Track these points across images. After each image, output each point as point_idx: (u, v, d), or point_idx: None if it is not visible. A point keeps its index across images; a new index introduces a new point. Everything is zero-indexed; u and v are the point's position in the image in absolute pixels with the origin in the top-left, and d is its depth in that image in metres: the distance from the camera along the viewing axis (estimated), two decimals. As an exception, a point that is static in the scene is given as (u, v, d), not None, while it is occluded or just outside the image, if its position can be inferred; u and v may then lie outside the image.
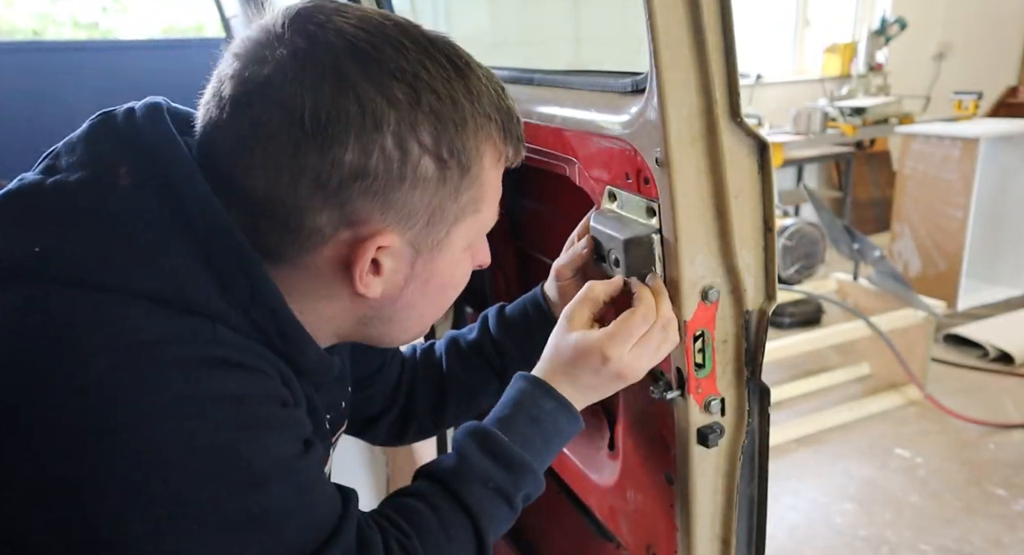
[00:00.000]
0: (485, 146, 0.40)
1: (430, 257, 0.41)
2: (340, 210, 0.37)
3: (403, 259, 0.41)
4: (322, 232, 0.38)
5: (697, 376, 0.46)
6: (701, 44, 0.40)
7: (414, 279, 0.42)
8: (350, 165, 0.36)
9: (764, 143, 0.42)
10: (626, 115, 0.46)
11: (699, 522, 0.49)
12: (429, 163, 0.38)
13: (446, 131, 0.38)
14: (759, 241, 0.44)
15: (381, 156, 0.36)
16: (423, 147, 0.37)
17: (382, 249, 0.39)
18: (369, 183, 0.37)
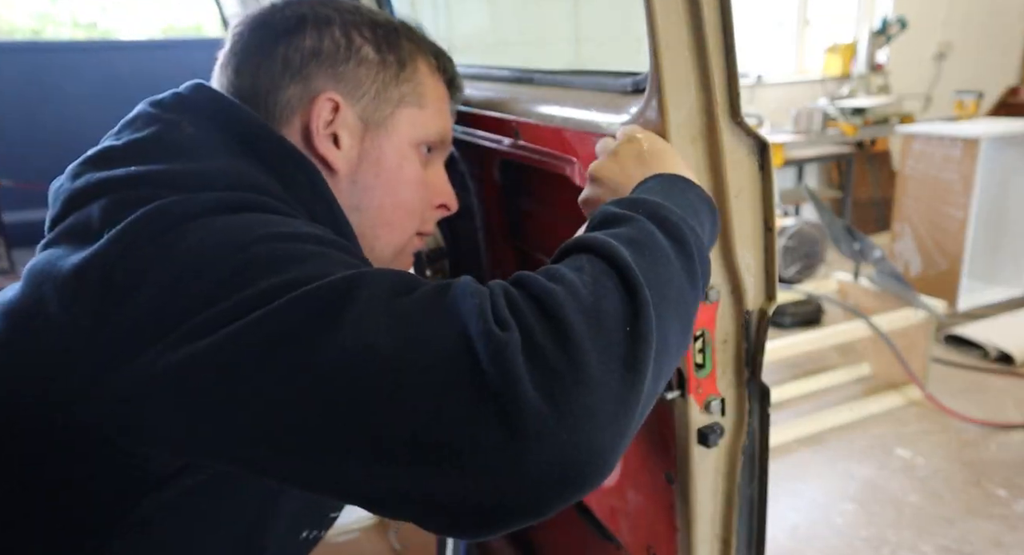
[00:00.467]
0: (418, 56, 0.52)
1: (377, 134, 0.50)
2: (303, 83, 0.48)
3: (355, 134, 0.49)
4: (290, 104, 0.48)
5: (697, 376, 0.46)
6: (701, 44, 0.40)
7: (366, 157, 0.50)
8: (308, 47, 0.48)
9: (764, 143, 0.42)
10: (626, 115, 0.46)
11: (699, 522, 0.49)
12: (369, 50, 0.50)
13: (381, 31, 0.50)
14: (759, 241, 0.44)
15: (331, 40, 0.49)
16: (364, 38, 0.50)
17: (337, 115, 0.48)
18: (323, 59, 0.48)
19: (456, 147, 0.80)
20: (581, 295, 0.29)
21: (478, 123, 0.68)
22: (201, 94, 0.47)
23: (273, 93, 0.48)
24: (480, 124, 0.68)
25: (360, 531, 1.34)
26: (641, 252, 0.32)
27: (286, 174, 0.44)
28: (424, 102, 0.52)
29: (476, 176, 0.80)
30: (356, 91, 0.49)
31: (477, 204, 0.82)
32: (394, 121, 0.50)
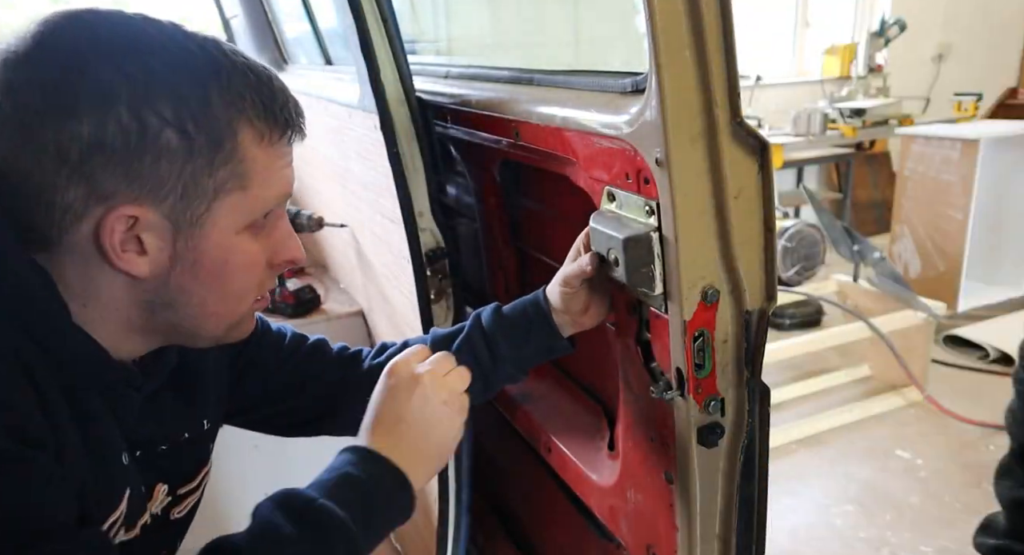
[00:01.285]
0: (240, 124, 0.41)
1: (192, 234, 0.41)
2: (87, 184, 0.38)
3: (164, 236, 0.41)
4: (74, 208, 0.38)
5: (697, 376, 0.46)
6: (701, 44, 0.40)
7: (180, 259, 0.42)
8: (88, 137, 0.37)
9: (764, 143, 0.43)
10: (626, 115, 0.46)
11: (699, 522, 0.49)
12: (172, 135, 0.39)
13: (187, 106, 0.39)
14: (759, 241, 0.44)
15: (118, 128, 0.37)
16: (162, 119, 0.38)
17: (137, 223, 0.39)
18: (109, 155, 0.38)
19: (456, 147, 0.81)
20: None
21: (478, 123, 0.68)
22: None
23: (49, 192, 0.37)
24: (480, 124, 0.68)
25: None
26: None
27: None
28: (249, 181, 0.42)
29: (476, 176, 0.80)
30: (158, 192, 0.39)
31: (477, 204, 0.82)
32: (212, 216, 0.41)
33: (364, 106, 0.78)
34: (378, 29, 0.69)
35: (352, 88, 0.83)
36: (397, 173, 0.74)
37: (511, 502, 1.00)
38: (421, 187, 0.74)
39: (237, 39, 1.66)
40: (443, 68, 0.82)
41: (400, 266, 0.84)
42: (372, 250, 1.01)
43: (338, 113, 0.95)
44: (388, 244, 0.89)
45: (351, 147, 0.90)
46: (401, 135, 0.72)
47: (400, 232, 0.78)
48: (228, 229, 0.42)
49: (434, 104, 0.75)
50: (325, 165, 1.16)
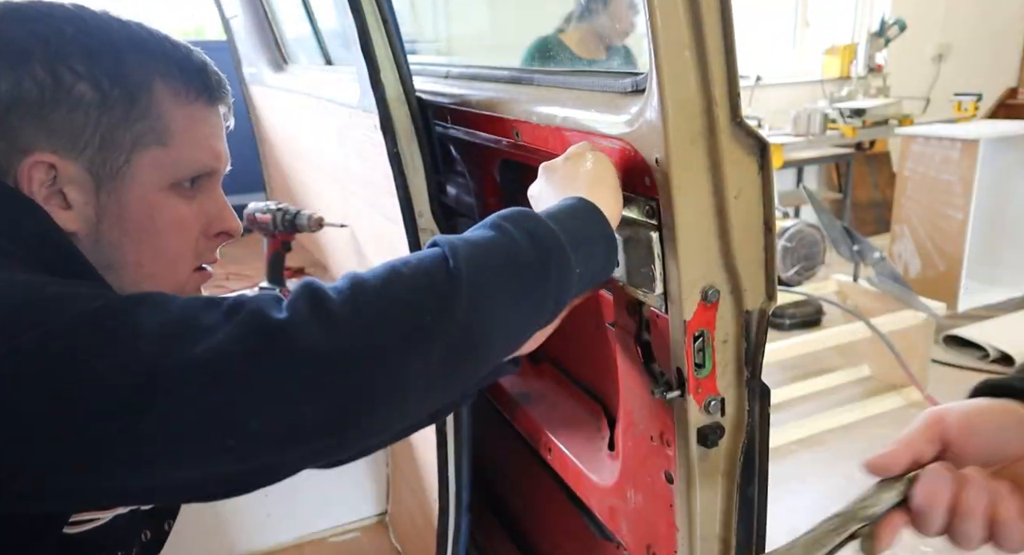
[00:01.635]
0: (154, 80, 0.42)
1: (114, 187, 0.42)
2: (7, 139, 0.39)
3: (87, 189, 0.41)
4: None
5: (697, 376, 0.46)
6: (701, 44, 0.40)
7: (105, 213, 0.42)
8: (4, 93, 0.39)
9: (764, 143, 0.43)
10: (626, 115, 0.46)
11: (699, 522, 0.49)
12: (85, 88, 0.40)
13: (100, 62, 0.41)
14: (759, 241, 0.44)
15: (33, 83, 0.39)
16: (75, 73, 0.40)
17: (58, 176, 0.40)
18: (26, 109, 0.39)
19: (456, 147, 0.80)
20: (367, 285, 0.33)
21: (478, 123, 0.68)
22: None
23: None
24: (480, 124, 0.68)
25: (360, 531, 1.33)
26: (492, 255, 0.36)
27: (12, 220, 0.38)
28: (168, 137, 0.43)
29: (476, 176, 0.80)
30: (75, 142, 0.40)
31: (477, 204, 0.82)
32: (132, 169, 0.42)
33: (364, 106, 0.78)
34: (378, 29, 0.69)
35: (352, 88, 0.83)
36: (397, 173, 0.74)
37: (511, 502, 1.00)
38: (421, 187, 0.74)
39: (237, 39, 1.66)
40: (443, 68, 0.82)
41: (400, 266, 0.83)
42: (372, 250, 1.01)
43: (338, 113, 0.95)
44: (388, 244, 0.88)
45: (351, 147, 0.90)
46: (401, 135, 0.72)
47: (400, 232, 0.78)
48: (151, 185, 0.43)
49: (434, 104, 0.75)
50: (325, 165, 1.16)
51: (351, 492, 1.33)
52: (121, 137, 0.41)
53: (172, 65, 0.43)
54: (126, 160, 0.42)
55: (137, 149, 0.42)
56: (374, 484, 1.35)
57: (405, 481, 1.21)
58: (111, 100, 0.41)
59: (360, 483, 1.34)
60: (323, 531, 1.33)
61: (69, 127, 0.40)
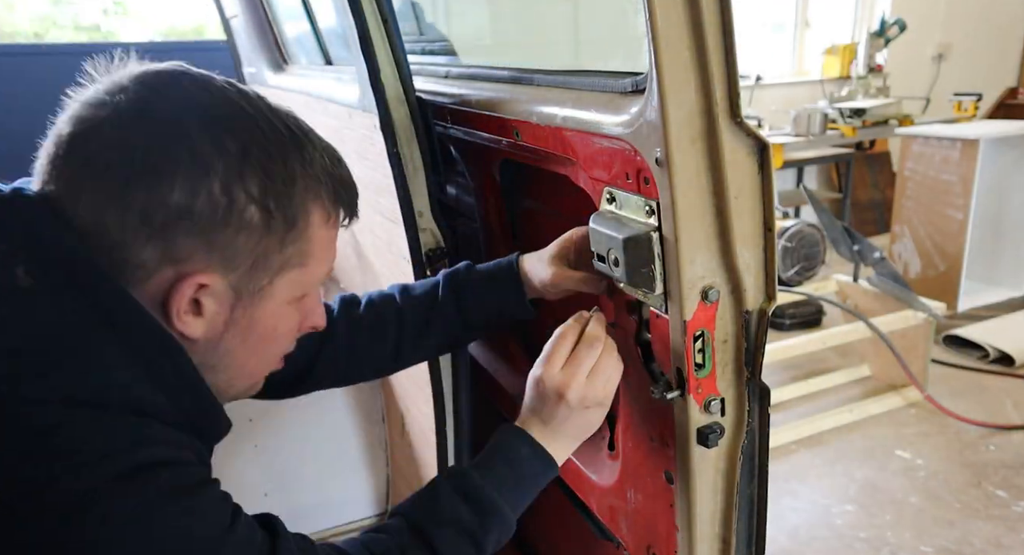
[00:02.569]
0: (313, 205, 0.43)
1: (251, 303, 0.43)
2: (164, 247, 0.39)
3: (224, 302, 0.42)
4: (145, 267, 0.39)
5: (697, 376, 0.46)
6: (701, 44, 0.40)
7: (234, 325, 0.43)
8: (176, 204, 0.38)
9: (764, 143, 0.43)
10: (626, 115, 0.46)
11: (699, 522, 0.49)
12: (255, 212, 0.41)
13: (273, 185, 0.41)
14: (759, 241, 0.44)
15: (208, 199, 0.39)
16: (249, 196, 0.40)
17: (203, 288, 0.40)
18: (193, 223, 0.39)
19: (456, 147, 0.80)
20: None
21: (478, 123, 0.68)
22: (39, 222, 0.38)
23: (122, 249, 0.38)
24: (480, 124, 0.68)
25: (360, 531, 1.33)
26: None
27: (152, 363, 0.39)
28: (308, 259, 0.44)
29: (476, 176, 0.80)
30: (231, 262, 0.40)
31: (477, 204, 0.82)
32: (272, 288, 0.43)
33: (364, 106, 0.78)
34: (378, 29, 0.69)
35: (352, 88, 0.83)
36: (397, 173, 0.74)
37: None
38: (421, 187, 0.74)
39: (237, 39, 1.66)
40: (443, 68, 0.82)
41: (400, 266, 0.84)
42: (372, 250, 1.01)
43: (338, 113, 0.95)
44: (388, 244, 0.88)
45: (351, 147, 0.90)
46: (401, 135, 0.72)
47: (400, 232, 0.78)
48: (282, 301, 0.44)
49: (434, 104, 0.75)
50: (325, 165, 1.16)
51: (351, 492, 1.33)
52: (272, 260, 0.42)
53: (330, 188, 0.44)
54: (269, 281, 0.43)
55: (282, 271, 0.43)
56: (374, 484, 1.35)
57: (405, 481, 1.21)
58: (274, 225, 0.41)
59: (360, 483, 1.34)
60: (323, 531, 1.33)
61: (231, 248, 0.40)
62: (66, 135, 0.39)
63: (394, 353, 0.63)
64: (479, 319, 0.62)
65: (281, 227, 0.42)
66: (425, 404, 0.87)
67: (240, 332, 0.43)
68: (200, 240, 0.39)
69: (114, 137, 0.39)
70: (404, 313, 0.62)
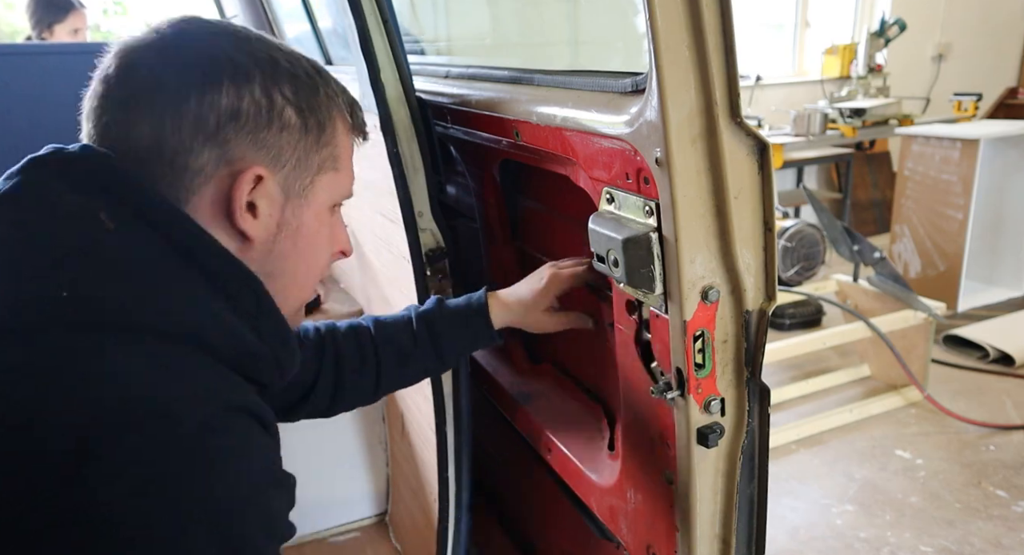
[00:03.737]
0: (336, 114, 0.49)
1: (297, 204, 0.47)
2: (219, 149, 0.43)
3: (275, 202, 0.46)
4: (204, 171, 0.43)
5: (697, 376, 0.46)
6: (701, 44, 0.40)
7: (285, 226, 0.47)
8: (226, 107, 0.43)
9: (764, 143, 0.43)
10: (626, 115, 0.46)
11: (699, 522, 0.49)
12: (291, 113, 0.45)
13: (302, 91, 0.46)
14: (759, 241, 0.44)
15: (252, 100, 0.43)
16: (286, 99, 0.45)
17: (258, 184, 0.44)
18: (242, 123, 0.43)
19: (456, 147, 0.80)
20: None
21: (478, 123, 0.68)
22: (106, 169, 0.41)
23: (182, 155, 0.42)
24: (480, 124, 0.68)
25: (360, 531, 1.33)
26: None
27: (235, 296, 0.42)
28: (339, 164, 0.49)
29: (476, 176, 0.80)
30: (278, 160, 0.45)
31: (477, 204, 0.82)
32: (314, 189, 0.47)
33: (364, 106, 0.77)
34: (378, 29, 0.69)
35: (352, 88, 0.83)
36: (397, 173, 0.74)
37: (511, 502, 1.00)
38: (421, 187, 0.74)
39: (237, 39, 1.66)
40: (443, 68, 0.82)
41: (400, 266, 0.84)
42: (372, 250, 1.01)
43: (338, 113, 0.94)
44: (388, 244, 0.88)
45: (351, 147, 0.90)
46: (401, 135, 0.72)
47: (400, 232, 0.78)
48: (321, 205, 0.49)
49: (434, 104, 0.75)
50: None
51: (351, 492, 1.33)
52: (311, 160, 0.47)
53: (346, 102, 0.50)
54: (311, 181, 0.47)
55: (320, 172, 0.48)
56: (374, 484, 1.35)
57: (405, 481, 1.21)
58: (309, 126, 0.46)
59: (360, 483, 1.34)
60: (323, 531, 1.33)
61: (275, 146, 0.45)
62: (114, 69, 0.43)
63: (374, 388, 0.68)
64: (452, 355, 0.69)
65: (315, 129, 0.47)
66: (425, 404, 0.87)
67: (291, 234, 0.47)
68: (249, 139, 0.44)
69: (163, 57, 0.43)
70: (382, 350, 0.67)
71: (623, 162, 0.47)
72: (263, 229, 0.45)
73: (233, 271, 0.43)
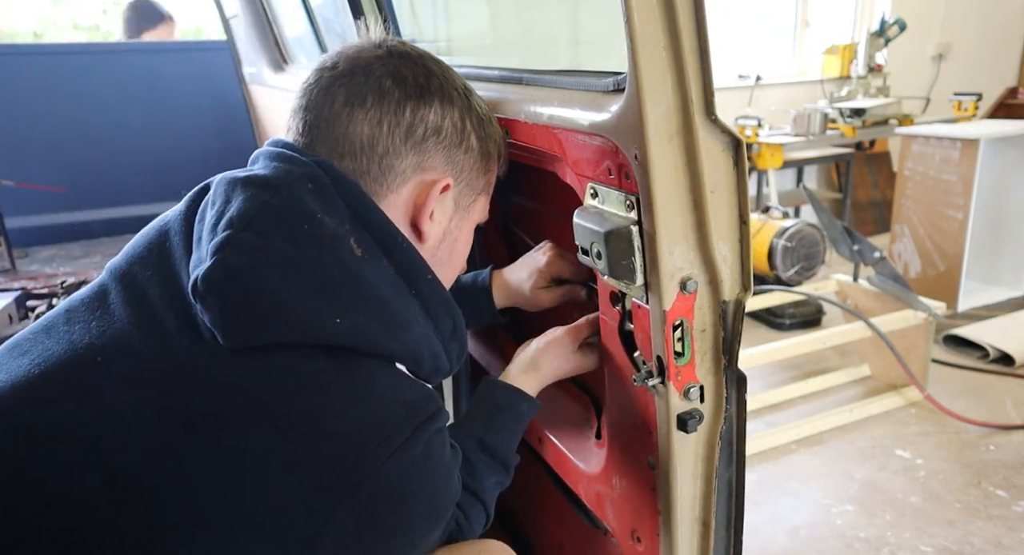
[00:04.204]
0: (494, 147, 0.57)
1: (461, 217, 0.55)
2: (420, 156, 0.50)
3: (447, 212, 0.53)
4: (404, 174, 0.50)
5: (677, 364, 0.48)
6: (676, 45, 0.42)
7: (448, 235, 0.54)
8: (432, 123, 0.50)
9: (739, 140, 0.44)
10: (608, 113, 0.47)
11: (680, 505, 0.50)
12: (475, 139, 0.53)
13: (483, 123, 0.54)
14: (735, 234, 0.46)
15: (451, 122, 0.51)
16: (472, 126, 0.53)
17: (444, 193, 0.52)
18: (441, 138, 0.51)
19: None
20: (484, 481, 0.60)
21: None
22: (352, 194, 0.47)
23: (391, 156, 0.49)
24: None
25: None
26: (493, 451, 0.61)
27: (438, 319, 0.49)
28: (489, 190, 0.57)
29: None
30: (459, 176, 0.53)
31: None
32: (474, 207, 0.56)
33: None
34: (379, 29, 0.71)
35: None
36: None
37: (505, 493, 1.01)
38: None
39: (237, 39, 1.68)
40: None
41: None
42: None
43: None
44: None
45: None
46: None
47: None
48: (473, 222, 0.57)
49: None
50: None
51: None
52: (479, 181, 0.55)
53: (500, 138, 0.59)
54: (474, 199, 0.56)
55: (481, 194, 0.56)
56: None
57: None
58: (483, 153, 0.55)
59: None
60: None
61: (461, 164, 0.53)
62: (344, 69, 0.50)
63: None
64: None
65: (485, 157, 0.55)
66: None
67: (451, 243, 0.55)
68: (443, 154, 0.51)
69: (389, 68, 0.50)
70: None
71: (606, 158, 0.49)
72: (434, 233, 0.52)
73: (441, 300, 0.49)
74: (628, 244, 0.47)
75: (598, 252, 0.50)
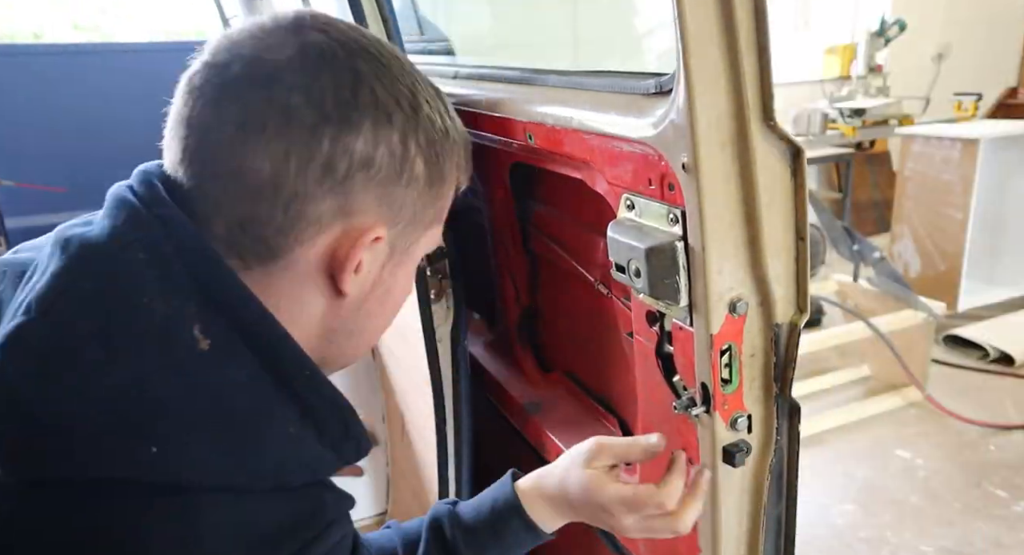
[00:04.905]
0: (453, 163, 0.42)
1: (398, 261, 0.41)
2: (342, 198, 0.36)
3: (378, 260, 0.40)
4: (320, 222, 0.37)
5: (723, 392, 0.44)
6: (733, 43, 0.38)
7: (379, 285, 0.41)
8: (360, 154, 0.36)
9: (798, 148, 0.41)
10: (650, 118, 0.43)
11: (724, 545, 0.47)
12: (421, 164, 0.39)
13: (436, 139, 0.39)
14: (791, 251, 0.42)
15: (387, 150, 0.37)
16: (419, 147, 0.38)
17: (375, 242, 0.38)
18: (372, 174, 0.37)
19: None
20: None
21: (488, 125, 0.66)
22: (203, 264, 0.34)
23: (300, 201, 0.35)
24: (490, 126, 0.65)
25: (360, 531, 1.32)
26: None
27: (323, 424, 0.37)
28: (442, 215, 0.43)
29: (486, 179, 0.78)
30: (397, 217, 0.39)
31: (486, 208, 0.80)
32: (417, 246, 0.42)
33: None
34: (378, 29, 0.67)
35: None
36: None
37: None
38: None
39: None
40: (451, 68, 0.80)
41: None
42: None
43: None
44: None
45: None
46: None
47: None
48: (415, 260, 0.43)
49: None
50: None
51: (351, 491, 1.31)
52: (426, 215, 0.40)
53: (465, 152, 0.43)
54: (416, 239, 0.41)
55: (428, 228, 0.42)
56: (374, 484, 1.33)
57: (405, 481, 1.19)
58: (432, 179, 0.39)
59: (360, 483, 1.32)
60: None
61: (399, 201, 0.38)
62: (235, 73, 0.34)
63: None
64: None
65: (437, 181, 0.40)
66: (425, 404, 0.85)
67: (382, 294, 0.41)
68: (375, 193, 0.37)
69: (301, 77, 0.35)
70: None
71: (646, 167, 0.45)
72: (359, 285, 0.39)
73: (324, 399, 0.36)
74: (672, 262, 0.44)
75: (636, 269, 0.46)
